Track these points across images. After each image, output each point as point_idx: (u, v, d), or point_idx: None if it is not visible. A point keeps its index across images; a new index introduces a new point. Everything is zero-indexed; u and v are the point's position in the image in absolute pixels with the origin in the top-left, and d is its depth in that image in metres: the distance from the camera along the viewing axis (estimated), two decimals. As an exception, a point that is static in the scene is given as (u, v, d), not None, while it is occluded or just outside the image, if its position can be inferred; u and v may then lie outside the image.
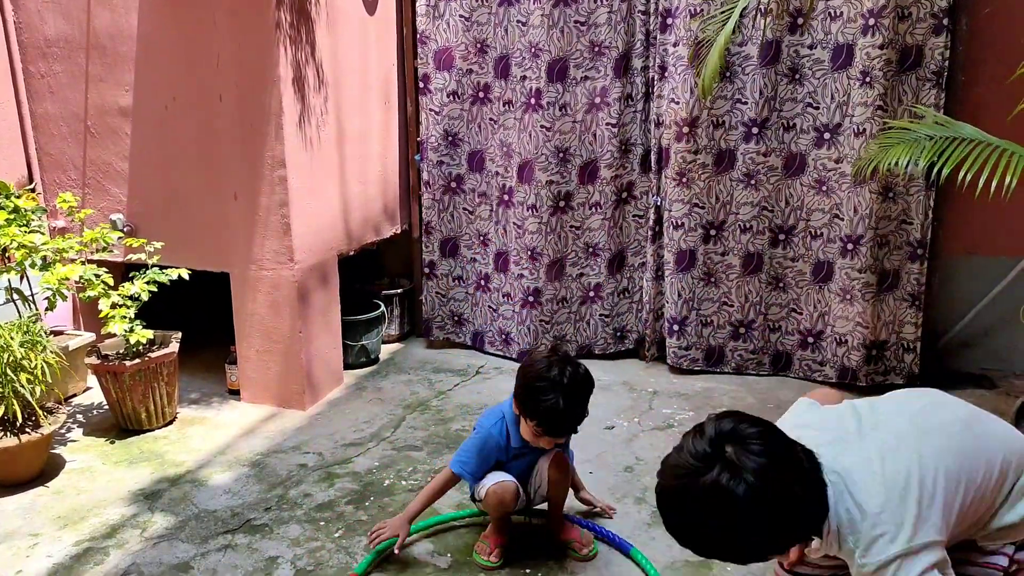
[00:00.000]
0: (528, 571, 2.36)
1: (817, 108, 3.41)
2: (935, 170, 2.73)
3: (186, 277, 3.22)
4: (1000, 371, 3.58)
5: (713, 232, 3.62)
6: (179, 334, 3.40)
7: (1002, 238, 3.47)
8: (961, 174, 2.69)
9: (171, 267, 3.25)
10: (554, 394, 2.19)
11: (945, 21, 3.20)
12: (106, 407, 3.37)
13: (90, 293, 3.10)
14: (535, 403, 2.23)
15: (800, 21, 3.35)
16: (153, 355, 3.22)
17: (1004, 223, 3.39)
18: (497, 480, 2.36)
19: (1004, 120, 2.79)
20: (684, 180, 3.56)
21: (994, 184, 2.61)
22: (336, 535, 2.55)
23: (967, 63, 3.30)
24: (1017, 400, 3.17)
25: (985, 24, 3.27)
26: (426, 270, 4.12)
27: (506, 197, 3.92)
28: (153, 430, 3.29)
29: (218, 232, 3.40)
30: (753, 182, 3.54)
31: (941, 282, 3.56)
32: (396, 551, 2.37)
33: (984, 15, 3.23)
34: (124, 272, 3.57)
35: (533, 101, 3.72)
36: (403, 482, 2.86)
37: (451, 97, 3.88)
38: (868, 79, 3.24)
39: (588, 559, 2.39)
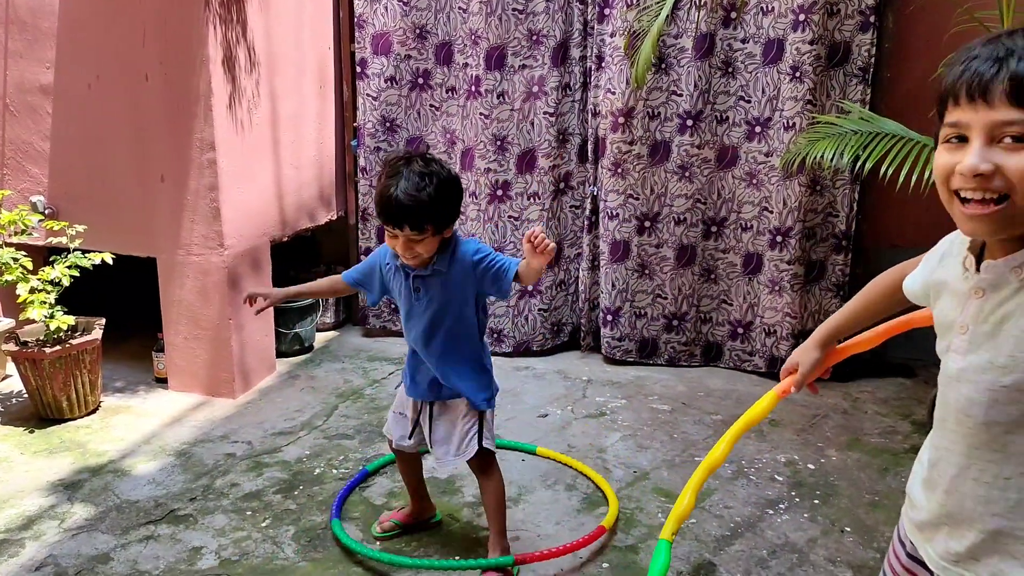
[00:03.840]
0: (457, 557, 2.36)
1: (749, 102, 3.46)
2: (858, 164, 2.82)
3: (109, 261, 3.13)
4: (920, 361, 3.70)
5: (648, 224, 3.66)
6: (103, 320, 3.30)
7: (922, 231, 3.57)
8: (883, 168, 2.78)
9: (95, 251, 3.15)
10: (390, 178, 2.01)
11: (872, 18, 3.28)
12: (25, 395, 3.25)
13: (7, 277, 3.00)
14: (375, 193, 2.08)
15: (733, 15, 3.40)
16: (75, 342, 3.12)
17: (923, 216, 3.49)
18: (392, 428, 2.35)
19: (927, 116, 2.86)
20: (620, 171, 3.59)
21: (914, 178, 2.70)
22: (263, 525, 2.51)
23: (893, 60, 3.40)
24: (933, 391, 3.28)
25: (910, 22, 3.36)
26: (363, 257, 4.07)
27: (446, 184, 3.90)
28: (75, 419, 3.19)
29: (144, 216, 3.31)
30: (687, 174, 3.58)
31: (864, 273, 3.66)
32: (248, 303, 2.34)
33: (908, 13, 3.33)
34: (45, 256, 3.44)
35: (473, 88, 3.71)
36: (333, 471, 2.83)
37: (389, 83, 3.84)
38: (798, 74, 3.30)
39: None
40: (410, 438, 2.32)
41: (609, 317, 3.75)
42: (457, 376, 2.19)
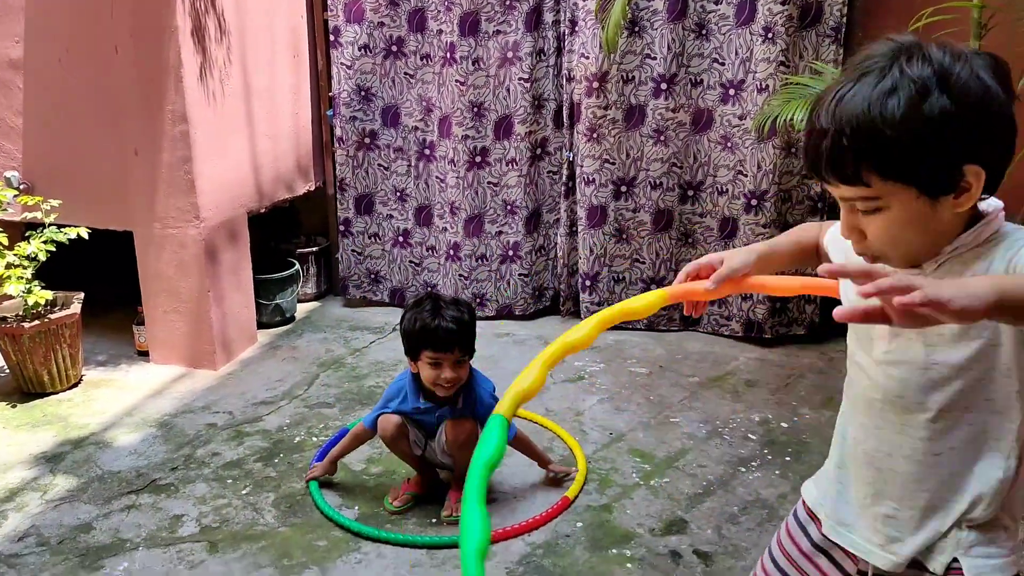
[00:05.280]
0: (434, 521, 2.41)
1: (723, 64, 3.46)
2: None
3: (85, 236, 3.13)
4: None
5: (624, 188, 3.67)
6: (81, 295, 3.31)
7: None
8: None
9: (71, 225, 3.15)
10: (425, 314, 2.29)
11: (844, -22, 3.27)
12: (6, 370, 3.27)
13: (-17, 253, 3.00)
14: (410, 331, 2.31)
15: (706, -23, 3.39)
16: (54, 316, 3.14)
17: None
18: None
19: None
20: (595, 136, 3.59)
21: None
22: (243, 492, 2.55)
23: (864, 19, 3.39)
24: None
25: (882, -18, 3.35)
26: (341, 228, 4.08)
27: (427, 152, 3.90)
28: (57, 393, 3.21)
29: (119, 189, 3.31)
30: (663, 138, 3.58)
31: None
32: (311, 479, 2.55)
33: (881, -27, 3.32)
34: (22, 231, 3.44)
35: (448, 55, 3.69)
36: (313, 439, 2.86)
37: (363, 51, 3.81)
38: (770, 35, 3.30)
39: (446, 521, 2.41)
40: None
41: (588, 282, 3.78)
42: None
